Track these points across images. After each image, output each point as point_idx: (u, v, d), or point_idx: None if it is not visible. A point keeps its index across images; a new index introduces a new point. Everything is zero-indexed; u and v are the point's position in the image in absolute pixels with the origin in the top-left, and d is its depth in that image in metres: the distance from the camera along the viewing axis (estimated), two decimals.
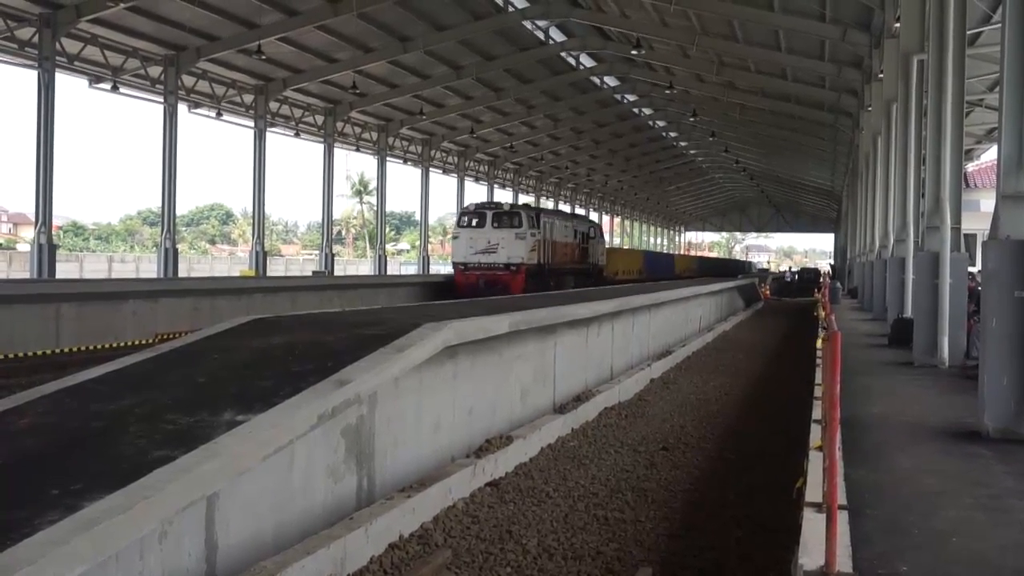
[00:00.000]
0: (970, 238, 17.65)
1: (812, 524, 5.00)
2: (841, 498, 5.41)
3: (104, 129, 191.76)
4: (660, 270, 65.14)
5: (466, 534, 7.14)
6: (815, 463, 6.20)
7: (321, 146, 45.40)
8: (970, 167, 48.10)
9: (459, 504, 7.79)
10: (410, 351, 7.62)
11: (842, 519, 5.09)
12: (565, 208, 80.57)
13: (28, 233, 66.92)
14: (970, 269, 14.60)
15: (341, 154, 46.27)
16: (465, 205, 38.95)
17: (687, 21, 35.99)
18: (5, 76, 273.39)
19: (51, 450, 5.46)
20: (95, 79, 33.61)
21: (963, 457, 7.32)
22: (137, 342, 19.52)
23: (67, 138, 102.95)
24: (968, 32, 16.54)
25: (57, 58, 29.67)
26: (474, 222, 37.25)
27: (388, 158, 50.34)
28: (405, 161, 53.78)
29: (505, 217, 36.97)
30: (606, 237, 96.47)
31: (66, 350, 18.58)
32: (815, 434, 7.51)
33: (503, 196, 63.69)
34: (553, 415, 11.27)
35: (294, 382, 6.58)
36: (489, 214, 37.12)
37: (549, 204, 78.12)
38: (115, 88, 34.17)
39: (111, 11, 28.61)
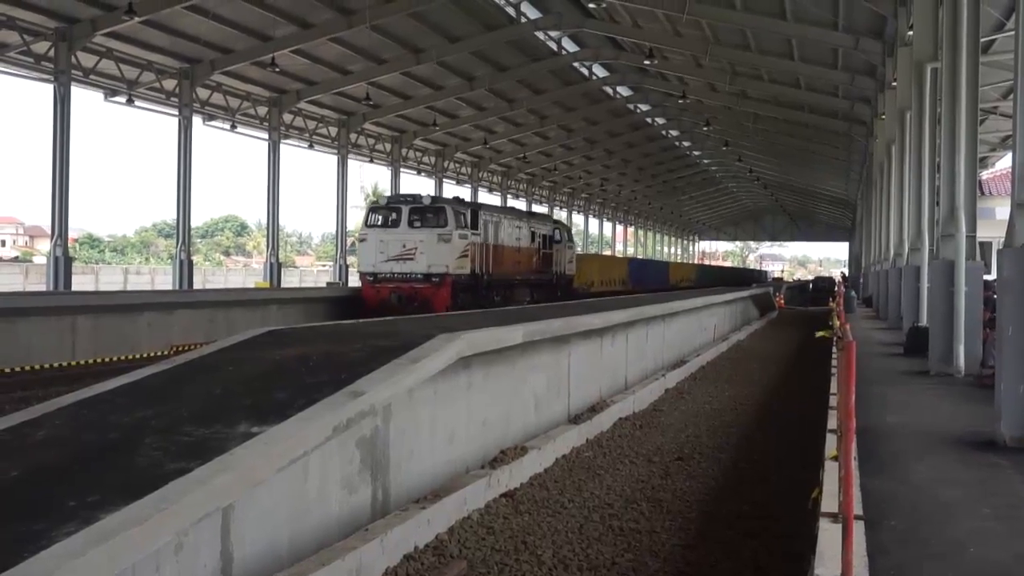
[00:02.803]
0: (985, 246, 17.52)
1: (828, 534, 4.98)
2: (857, 508, 5.39)
3: (119, 142, 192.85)
4: (649, 280, 58.15)
5: (481, 545, 7.14)
6: (831, 473, 6.18)
7: (335, 157, 45.54)
8: (985, 175, 47.98)
9: (474, 515, 7.78)
10: (424, 362, 7.62)
11: (858, 529, 5.07)
12: (578, 217, 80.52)
13: (44, 245, 67.26)
14: (986, 277, 14.55)
15: (355, 165, 46.48)
16: (376, 199, 30.07)
17: (700, 31, 35.98)
18: (22, 90, 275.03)
19: (68, 462, 5.48)
20: (110, 92, 33.81)
21: (980, 466, 7.28)
22: (153, 354, 19.59)
23: (83, 151, 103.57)
24: (982, 40, 16.52)
25: (73, 72, 29.91)
26: (381, 220, 29.49)
27: (402, 169, 50.46)
28: (419, 172, 53.88)
29: (426, 214, 29.07)
30: (618, 247, 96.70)
31: (82, 362, 18.66)
32: (830, 444, 7.48)
33: (517, 207, 62.43)
34: (567, 425, 11.25)
35: (308, 394, 6.59)
36: (405, 210, 29.09)
37: (563, 214, 78.15)
38: (130, 101, 34.38)
39: (126, 25, 28.79)
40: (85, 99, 73.69)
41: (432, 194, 30.35)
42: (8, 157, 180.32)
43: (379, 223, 29.14)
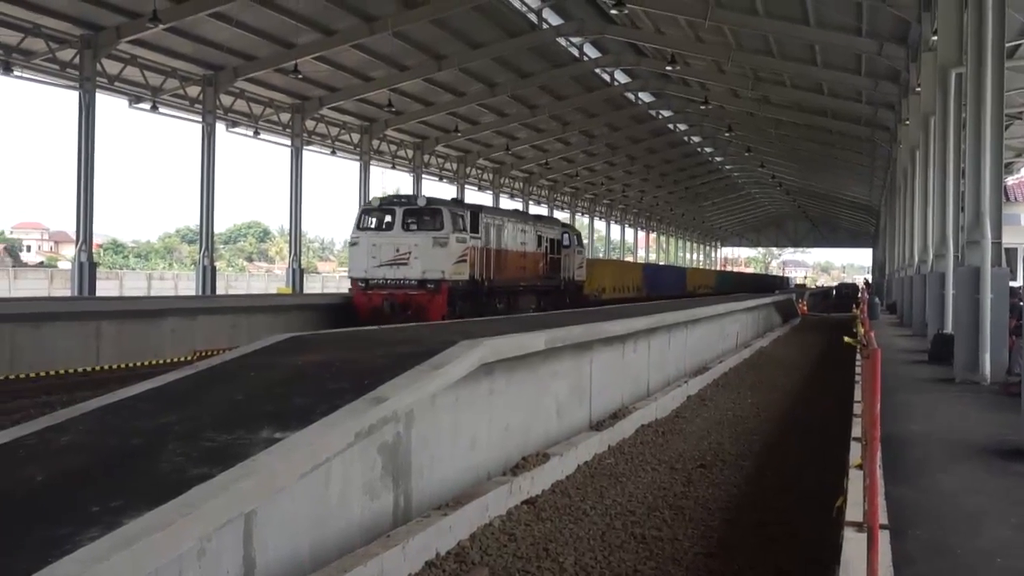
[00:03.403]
0: (1011, 252, 17.47)
1: (853, 544, 4.94)
2: (882, 517, 5.35)
3: (144, 148, 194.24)
4: (665, 287, 55.90)
5: (503, 552, 7.12)
6: (855, 481, 6.13)
7: (357, 164, 45.68)
8: (1010, 180, 47.65)
9: (496, 522, 7.77)
10: (446, 368, 7.62)
11: (883, 539, 5.03)
12: (600, 223, 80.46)
13: (69, 251, 67.78)
14: (1012, 284, 14.43)
15: (377, 171, 46.58)
16: (368, 200, 28.06)
17: (722, 37, 35.91)
18: (47, 97, 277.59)
19: (92, 467, 5.51)
20: (135, 99, 34.05)
21: (1006, 475, 7.22)
22: (176, 359, 19.70)
23: (107, 158, 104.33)
24: (1007, 44, 16.40)
25: (98, 79, 30.14)
26: (374, 223, 27.71)
27: (424, 175, 50.57)
28: (441, 178, 53.99)
29: (421, 216, 27.26)
30: (640, 253, 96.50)
31: (106, 367, 18.77)
32: (855, 452, 7.43)
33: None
34: (589, 432, 11.23)
35: (331, 400, 6.60)
36: (399, 212, 27.29)
37: (584, 220, 78.02)
38: (154, 108, 34.64)
39: (151, 32, 28.99)
40: (110, 106, 74.25)
41: (427, 195, 28.20)
42: (34, 163, 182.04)
43: (371, 226, 27.46)
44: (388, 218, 27.29)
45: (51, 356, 17.92)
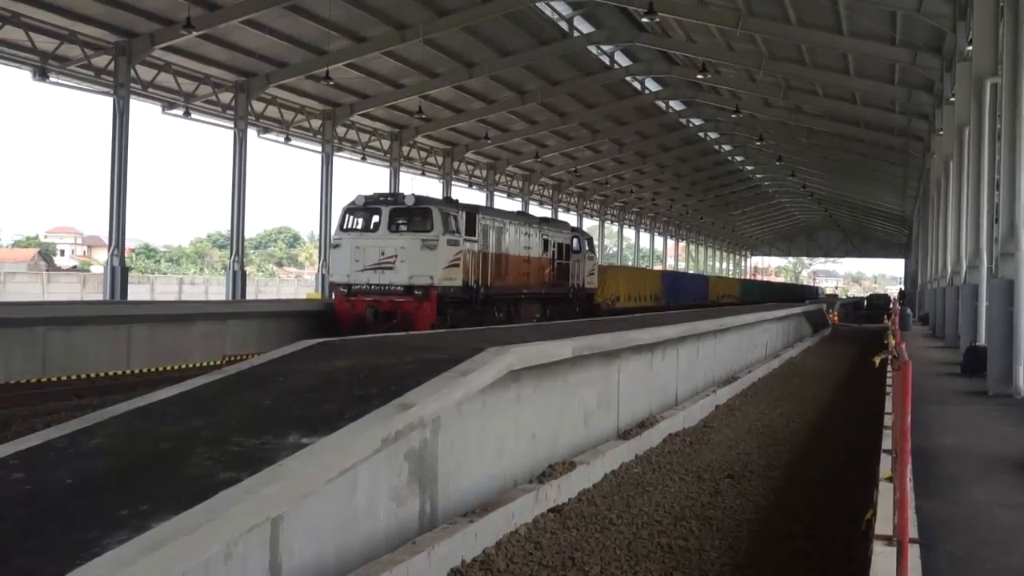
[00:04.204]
0: None
1: (882, 558, 4.89)
2: (912, 531, 5.29)
3: (176, 154, 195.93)
4: (686, 296, 54.27)
5: (528, 560, 7.10)
6: (885, 494, 6.07)
7: (387, 170, 45.83)
8: None
9: (522, 530, 7.75)
10: (473, 375, 7.61)
11: (913, 553, 4.97)
12: (629, 231, 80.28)
13: (102, 255, 68.42)
14: None
15: (407, 178, 46.74)
16: (353, 199, 25.98)
17: (754, 45, 35.80)
18: (83, 103, 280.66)
19: (121, 470, 5.54)
20: (168, 105, 34.38)
21: None
22: (205, 364, 19.82)
23: (141, 163, 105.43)
24: None
25: (132, 85, 30.47)
26: (361, 223, 25.68)
27: (453, 182, 50.66)
28: (470, 185, 54.09)
29: (410, 216, 25.13)
30: (669, 262, 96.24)
31: (137, 371, 18.92)
32: (885, 464, 7.36)
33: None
34: (617, 441, 11.18)
35: (358, 405, 6.61)
36: (385, 211, 25.19)
37: (614, 228, 77.87)
38: (187, 114, 34.95)
39: (184, 39, 29.25)
40: (143, 112, 74.91)
41: (417, 193, 25.91)
42: (68, 169, 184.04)
43: (357, 227, 25.55)
44: (375, 218, 25.34)
45: (82, 359, 18.08)
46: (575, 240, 35.71)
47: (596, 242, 41.79)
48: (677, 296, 51.96)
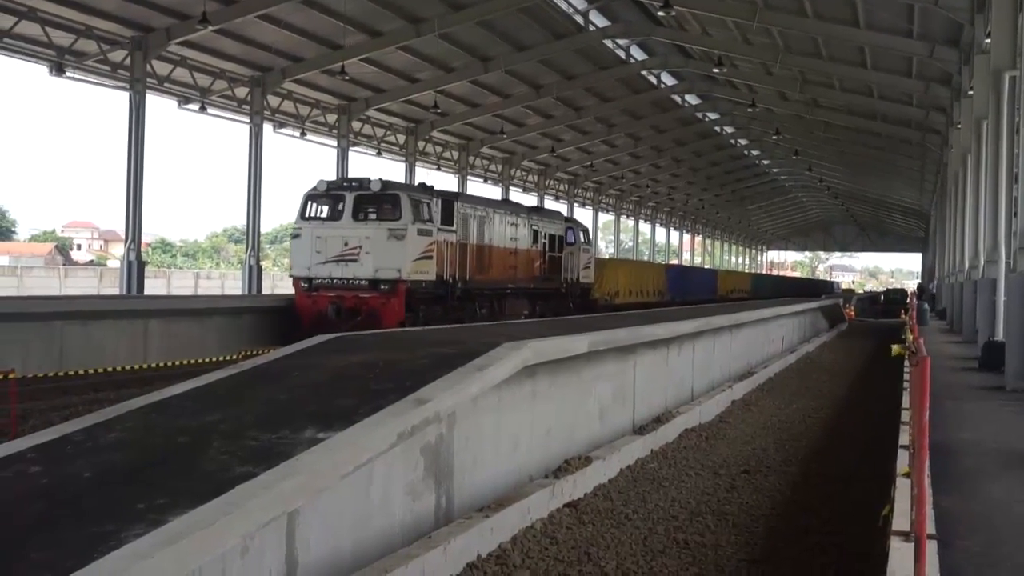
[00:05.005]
0: None
1: (900, 554, 4.86)
2: (930, 527, 5.26)
3: (192, 149, 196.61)
4: (692, 291, 52.05)
5: (544, 555, 7.10)
6: (903, 490, 6.03)
7: (403, 165, 45.86)
8: None
9: (537, 525, 7.75)
10: (489, 370, 7.61)
11: (931, 549, 4.94)
12: (645, 226, 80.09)
13: (119, 250, 68.72)
14: None
15: (422, 173, 46.75)
16: (315, 184, 23.63)
17: (770, 39, 35.65)
18: (99, 98, 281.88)
19: (138, 464, 5.56)
20: (184, 100, 34.48)
21: None
22: (222, 358, 19.86)
23: (157, 158, 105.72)
24: None
25: (147, 80, 30.54)
26: (325, 211, 23.33)
27: (468, 177, 50.66)
28: (485, 180, 54.07)
29: (379, 204, 22.96)
30: (685, 256, 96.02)
31: (154, 365, 18.97)
32: (902, 460, 7.32)
33: (583, 218, 61.25)
34: (632, 436, 11.17)
35: (374, 400, 6.61)
36: (349, 198, 22.89)
37: (629, 223, 77.73)
38: (203, 109, 35.06)
39: (200, 34, 29.31)
40: (159, 106, 75.19)
41: (383, 178, 23.41)
42: (85, 163, 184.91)
43: (322, 215, 23.29)
44: (340, 206, 23.00)
45: (99, 354, 18.13)
46: (569, 231, 33.79)
47: (612, 237, 40.88)
48: (683, 291, 50.15)
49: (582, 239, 34.48)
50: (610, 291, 39.41)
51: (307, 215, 23.28)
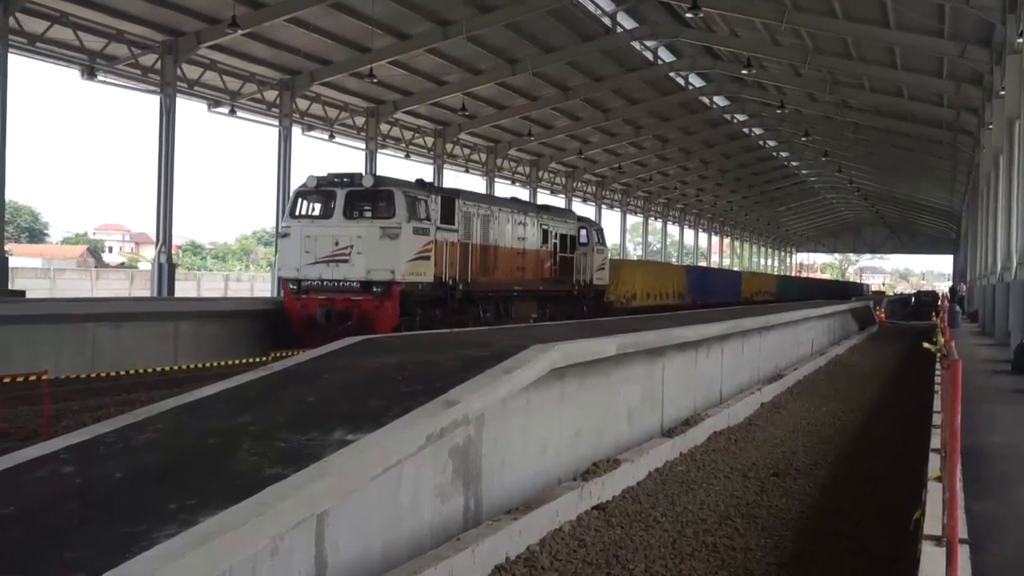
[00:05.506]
0: None
1: (931, 558, 4.82)
2: (962, 531, 5.21)
3: (222, 152, 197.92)
4: (714, 293, 50.73)
5: (572, 558, 7.09)
6: (934, 494, 5.99)
7: (431, 167, 45.94)
8: None
9: (566, 527, 7.75)
10: (517, 373, 7.62)
11: (963, 554, 4.90)
12: (673, 228, 79.82)
13: (149, 252, 69.28)
14: None
15: (450, 175, 46.87)
16: (304, 180, 22.43)
17: (799, 39, 35.47)
18: (129, 101, 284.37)
19: (169, 465, 5.61)
20: (214, 103, 34.71)
21: None
22: (251, 360, 19.96)
23: (187, 160, 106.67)
24: None
25: (178, 83, 30.79)
26: (315, 209, 22.07)
27: (496, 179, 50.69)
28: (513, 182, 54.07)
29: (372, 200, 21.61)
30: (713, 258, 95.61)
31: (184, 367, 19.09)
32: (933, 464, 7.27)
33: (611, 220, 61.00)
34: (661, 438, 11.14)
35: (403, 402, 6.64)
36: (340, 195, 21.57)
37: (657, 225, 77.52)
38: (232, 112, 35.26)
39: (230, 38, 29.50)
40: (189, 109, 75.75)
41: (376, 173, 22.16)
42: (116, 166, 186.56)
43: (313, 212, 22.04)
44: (331, 203, 21.73)
45: (131, 355, 18.29)
46: (582, 231, 32.17)
47: (640, 239, 40.38)
48: (705, 293, 48.90)
49: (596, 239, 33.09)
50: (626, 293, 38.31)
51: (296, 213, 22.09)
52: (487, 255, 25.13)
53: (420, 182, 23.36)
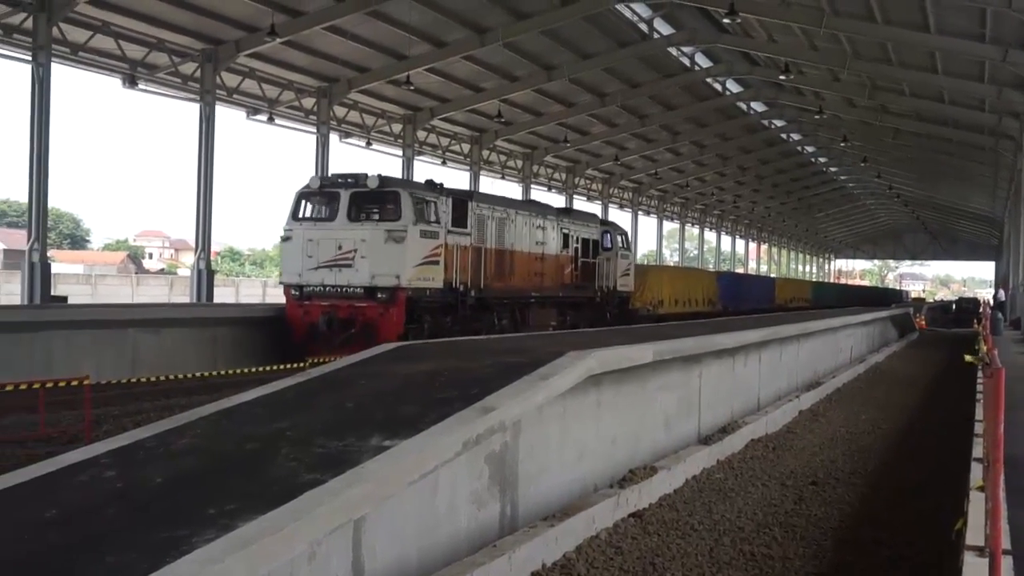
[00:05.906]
0: None
1: (973, 569, 4.76)
2: (1005, 542, 5.14)
3: (260, 159, 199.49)
4: (747, 300, 49.48)
5: (609, 565, 7.06)
6: (976, 504, 5.91)
7: (467, 174, 46.06)
8: None
9: (602, 535, 7.72)
10: (554, 379, 7.61)
11: (1006, 564, 4.83)
12: (710, 234, 79.45)
13: (189, 258, 69.89)
14: None
15: (487, 182, 46.92)
16: (308, 181, 21.73)
17: (838, 44, 35.19)
18: (170, 109, 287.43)
19: (208, 470, 5.66)
20: (252, 111, 35.03)
21: None
22: (289, 366, 20.05)
23: (226, 167, 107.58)
24: None
25: (217, 91, 31.09)
26: (318, 211, 21.24)
27: (533, 185, 50.70)
28: (550, 188, 54.06)
29: (379, 202, 20.84)
30: (751, 265, 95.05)
31: (223, 372, 19.21)
32: (975, 473, 7.17)
33: (647, 226, 60.73)
34: (698, 446, 11.08)
35: (439, 408, 6.65)
36: (345, 196, 20.72)
37: (694, 231, 77.17)
38: (271, 119, 35.59)
39: (268, 46, 29.78)
40: (229, 117, 76.39)
41: (382, 174, 21.08)
42: (156, 173, 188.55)
43: (318, 215, 21.19)
44: (335, 205, 20.89)
45: (170, 360, 18.46)
46: (605, 235, 30.90)
47: (677, 245, 39.87)
48: (737, 300, 47.70)
49: (620, 243, 31.88)
50: (653, 300, 37.20)
51: (299, 215, 21.23)
52: (503, 260, 24.21)
53: (430, 183, 22.45)
